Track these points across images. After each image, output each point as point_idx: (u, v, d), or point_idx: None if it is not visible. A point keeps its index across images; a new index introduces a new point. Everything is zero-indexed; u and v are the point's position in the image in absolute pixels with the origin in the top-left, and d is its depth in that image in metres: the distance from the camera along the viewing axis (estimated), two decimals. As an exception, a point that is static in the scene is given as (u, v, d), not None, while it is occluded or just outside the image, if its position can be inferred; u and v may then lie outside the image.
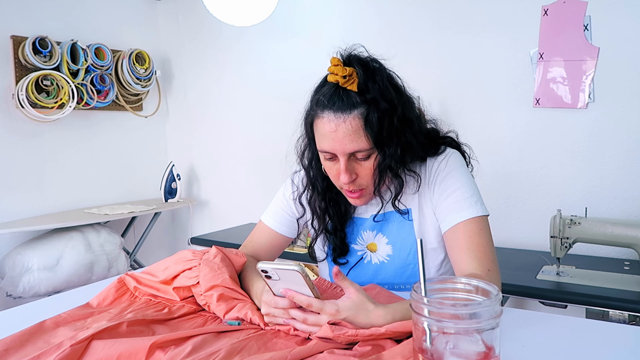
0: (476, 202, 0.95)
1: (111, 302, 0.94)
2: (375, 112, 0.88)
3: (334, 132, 0.89)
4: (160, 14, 3.24)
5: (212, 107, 3.10)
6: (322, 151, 0.94)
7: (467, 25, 2.15)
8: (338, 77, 0.89)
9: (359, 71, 0.89)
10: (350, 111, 0.88)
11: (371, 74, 0.91)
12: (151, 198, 3.17)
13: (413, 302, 0.56)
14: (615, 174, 1.89)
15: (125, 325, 0.77)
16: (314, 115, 0.93)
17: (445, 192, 0.97)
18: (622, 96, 1.86)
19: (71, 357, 0.68)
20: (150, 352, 0.69)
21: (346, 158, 0.91)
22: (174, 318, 0.85)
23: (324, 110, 0.90)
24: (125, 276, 0.98)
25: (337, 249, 1.06)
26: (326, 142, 0.91)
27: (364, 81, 0.89)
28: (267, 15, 2.43)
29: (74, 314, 0.86)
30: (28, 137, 2.55)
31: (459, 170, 0.99)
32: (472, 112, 2.15)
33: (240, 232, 2.64)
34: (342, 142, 0.89)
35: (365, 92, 0.89)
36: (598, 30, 1.88)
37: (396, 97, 0.92)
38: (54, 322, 0.82)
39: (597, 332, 0.79)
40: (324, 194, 1.05)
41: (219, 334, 0.77)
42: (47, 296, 1.54)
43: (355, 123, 0.88)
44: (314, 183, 1.05)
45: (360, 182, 0.95)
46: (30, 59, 2.40)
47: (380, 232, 1.05)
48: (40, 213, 2.61)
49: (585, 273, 1.63)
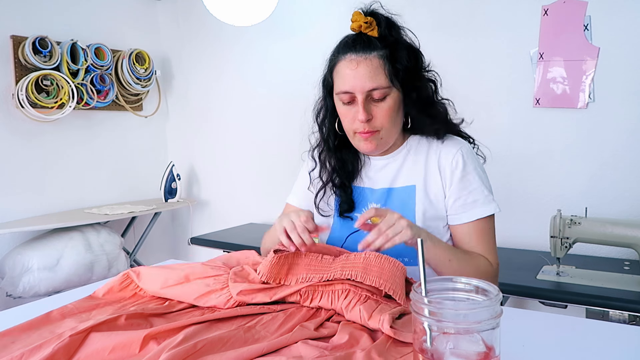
0: (492, 199, 1.03)
1: (119, 291, 0.96)
2: (395, 52, 0.96)
3: (354, 70, 0.95)
4: (160, 14, 3.24)
5: (212, 107, 3.10)
6: (341, 92, 0.98)
7: (467, 25, 2.15)
8: (360, 23, 0.96)
9: (381, 19, 0.98)
10: (371, 51, 0.96)
11: (391, 23, 0.99)
12: (151, 198, 3.17)
13: (413, 302, 0.56)
14: (615, 174, 1.89)
15: (124, 319, 0.78)
16: (336, 61, 1.00)
17: (466, 187, 1.02)
18: (622, 96, 1.86)
19: (69, 347, 0.70)
20: (145, 342, 0.71)
21: (364, 96, 0.96)
22: (173, 312, 0.86)
23: (346, 53, 0.98)
24: (130, 272, 0.99)
25: (345, 203, 1.10)
26: (347, 82, 0.97)
27: (385, 28, 0.97)
28: (267, 15, 2.43)
29: (80, 306, 0.89)
30: (28, 137, 2.55)
31: (479, 166, 1.06)
32: (472, 112, 2.14)
33: (241, 232, 2.64)
34: (362, 79, 0.95)
35: (385, 38, 0.97)
36: (598, 30, 1.88)
37: (413, 50, 1.01)
38: (60, 313, 0.85)
39: (597, 332, 0.79)
40: (335, 150, 1.10)
41: (212, 324, 0.78)
42: (47, 296, 1.54)
43: (375, 61, 0.95)
44: (327, 139, 1.11)
45: (375, 123, 0.99)
46: (30, 59, 2.40)
47: (385, 205, 1.07)
48: (40, 213, 2.61)
49: (585, 273, 1.63)
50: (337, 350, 0.68)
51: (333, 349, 0.68)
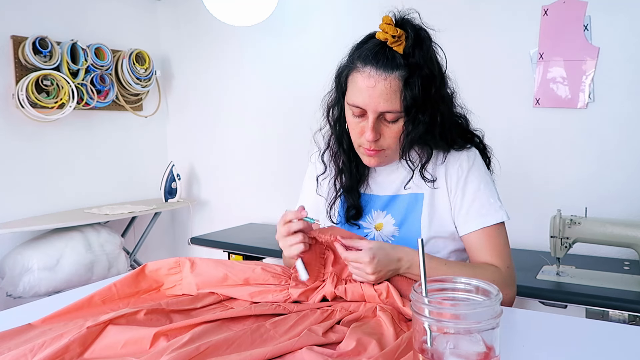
0: (500, 207, 1.00)
1: (164, 274, 0.99)
2: (416, 78, 0.90)
3: (371, 88, 0.90)
4: (160, 14, 3.24)
5: (212, 107, 3.10)
6: (353, 105, 0.95)
7: (467, 25, 2.15)
8: (387, 36, 0.89)
9: (410, 34, 0.90)
10: (392, 71, 0.90)
11: (420, 40, 0.92)
12: (151, 198, 3.17)
13: (413, 302, 0.56)
14: (615, 174, 1.89)
15: (143, 313, 0.80)
16: (353, 68, 0.94)
17: (472, 194, 1.00)
18: (622, 96, 1.86)
19: (85, 339, 0.71)
20: (155, 339, 0.71)
21: (375, 116, 0.93)
22: (196, 309, 0.87)
23: (366, 64, 0.91)
24: (184, 259, 1.01)
25: (352, 208, 1.07)
26: (360, 97, 0.92)
27: (412, 45, 0.90)
28: (267, 15, 2.44)
29: (122, 291, 0.93)
30: (28, 137, 2.55)
31: (486, 174, 1.03)
32: (472, 112, 2.14)
33: (241, 232, 2.64)
34: (377, 99, 0.91)
35: (409, 57, 0.90)
36: (598, 30, 1.88)
37: (437, 70, 0.95)
38: (101, 299, 0.90)
39: (597, 332, 0.79)
40: (348, 151, 1.06)
41: (223, 324, 0.78)
42: (47, 296, 1.54)
43: (395, 83, 0.90)
44: (341, 140, 1.06)
45: (382, 143, 0.97)
46: (30, 59, 2.40)
47: (390, 213, 1.06)
48: (40, 213, 2.61)
49: (585, 273, 1.63)
50: (342, 358, 0.67)
51: (338, 357, 0.67)
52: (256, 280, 0.93)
